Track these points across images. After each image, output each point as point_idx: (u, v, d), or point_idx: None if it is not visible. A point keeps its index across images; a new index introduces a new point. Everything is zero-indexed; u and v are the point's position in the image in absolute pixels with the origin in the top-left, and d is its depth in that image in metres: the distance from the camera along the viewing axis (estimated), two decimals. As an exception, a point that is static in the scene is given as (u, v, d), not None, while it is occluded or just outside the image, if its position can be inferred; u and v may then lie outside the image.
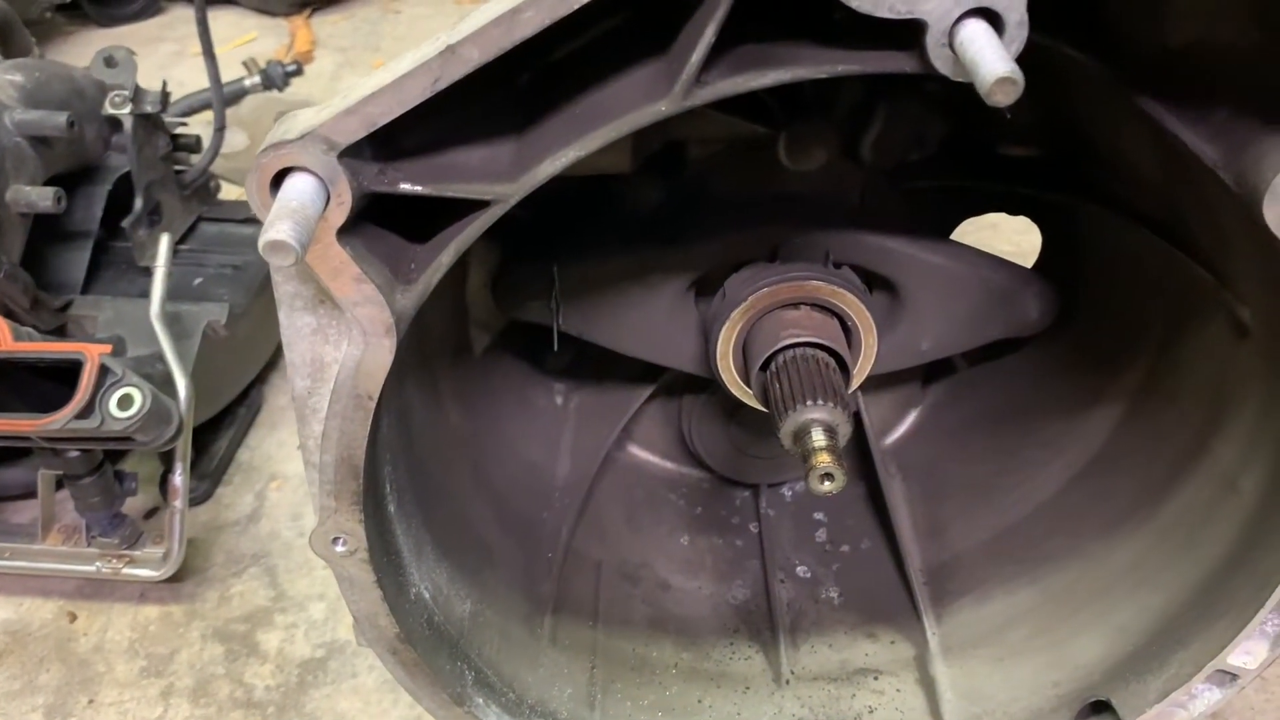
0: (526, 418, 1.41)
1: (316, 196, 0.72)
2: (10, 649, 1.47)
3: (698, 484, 1.51)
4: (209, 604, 1.52)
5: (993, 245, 1.29)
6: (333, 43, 3.35)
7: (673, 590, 1.38)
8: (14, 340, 1.32)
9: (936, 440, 1.46)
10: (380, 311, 0.80)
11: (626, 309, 1.23)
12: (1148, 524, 1.15)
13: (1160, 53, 0.85)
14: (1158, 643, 1.08)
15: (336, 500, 0.90)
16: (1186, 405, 1.13)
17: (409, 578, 1.03)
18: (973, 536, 1.34)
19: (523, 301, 1.23)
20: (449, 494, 1.18)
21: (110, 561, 1.47)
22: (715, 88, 0.74)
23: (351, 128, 0.72)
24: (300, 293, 0.82)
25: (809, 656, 1.31)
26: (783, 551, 1.43)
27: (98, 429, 1.27)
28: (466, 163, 0.80)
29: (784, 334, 1.13)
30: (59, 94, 1.62)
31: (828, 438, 1.02)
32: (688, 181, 1.21)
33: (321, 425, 0.87)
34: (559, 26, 0.70)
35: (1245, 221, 0.79)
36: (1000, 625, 1.24)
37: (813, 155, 1.11)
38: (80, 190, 1.68)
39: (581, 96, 0.81)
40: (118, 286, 1.69)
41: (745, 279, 1.17)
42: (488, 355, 1.35)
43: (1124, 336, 1.24)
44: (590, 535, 1.37)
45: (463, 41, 0.70)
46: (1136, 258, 1.18)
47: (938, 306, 1.24)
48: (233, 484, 1.73)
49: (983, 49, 0.68)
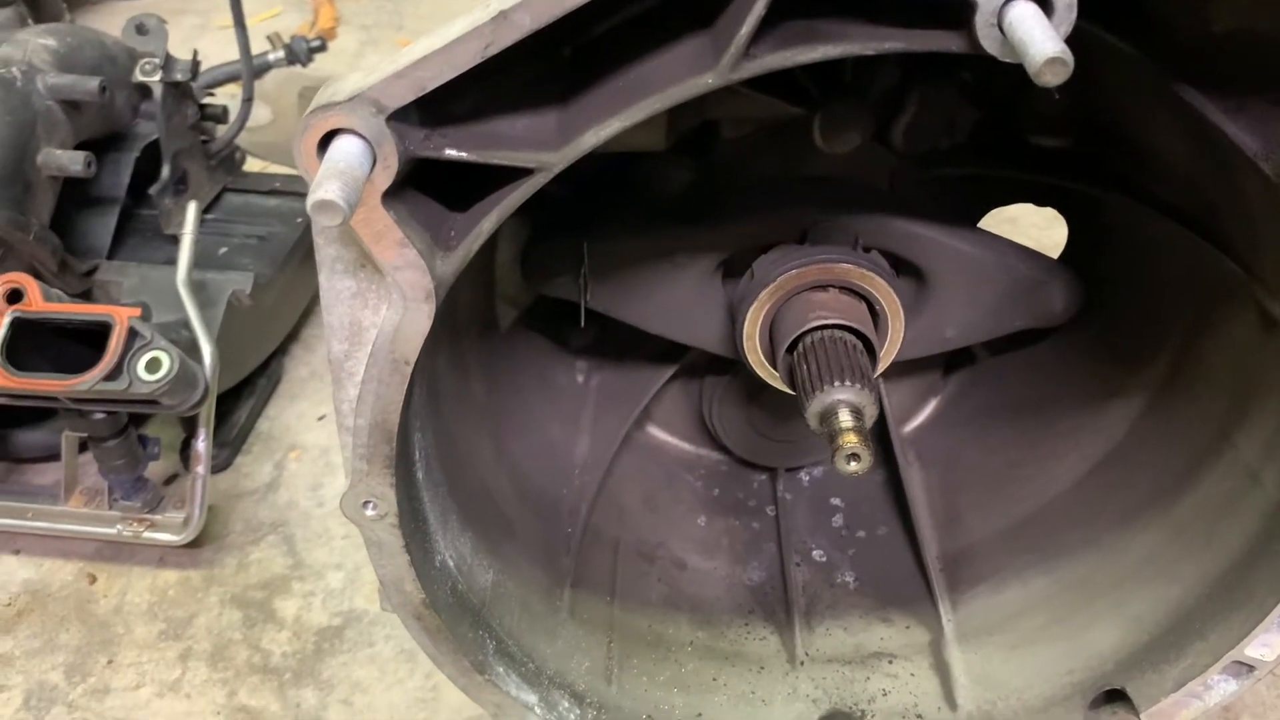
0: (548, 395, 1.41)
1: (363, 159, 0.73)
2: (31, 608, 1.49)
3: (716, 466, 1.52)
4: (227, 570, 1.53)
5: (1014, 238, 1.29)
6: (356, 20, 3.36)
7: (689, 570, 1.39)
8: (44, 301, 1.34)
9: (956, 429, 1.47)
10: (421, 276, 0.81)
11: (654, 287, 1.23)
12: (1166, 516, 1.16)
13: (1201, 42, 0.86)
14: (1174, 633, 1.09)
15: (369, 464, 0.91)
16: (1209, 398, 1.14)
17: (435, 545, 1.04)
18: (989, 525, 1.35)
19: (551, 277, 1.23)
20: (473, 465, 1.19)
21: (131, 525, 1.48)
22: (762, 61, 0.75)
23: (400, 91, 0.72)
24: (342, 256, 0.83)
25: (823, 639, 1.32)
26: (799, 535, 1.44)
27: (125, 391, 1.28)
28: (511, 131, 0.81)
29: (812, 315, 1.13)
30: (91, 59, 1.63)
31: (854, 418, 1.03)
32: (719, 162, 1.22)
33: (357, 389, 0.87)
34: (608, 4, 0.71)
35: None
36: (1015, 613, 1.25)
37: (847, 137, 1.11)
38: (108, 156, 1.69)
39: (626, 69, 0.81)
40: (142, 253, 1.70)
41: (774, 260, 1.17)
42: (513, 331, 1.36)
43: (1148, 329, 1.24)
44: (608, 513, 1.38)
45: (516, 7, 0.70)
46: (1163, 250, 1.18)
47: (964, 294, 1.24)
48: (252, 453, 1.74)
49: (1032, 29, 0.68)
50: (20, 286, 1.33)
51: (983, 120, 1.25)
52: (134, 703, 1.37)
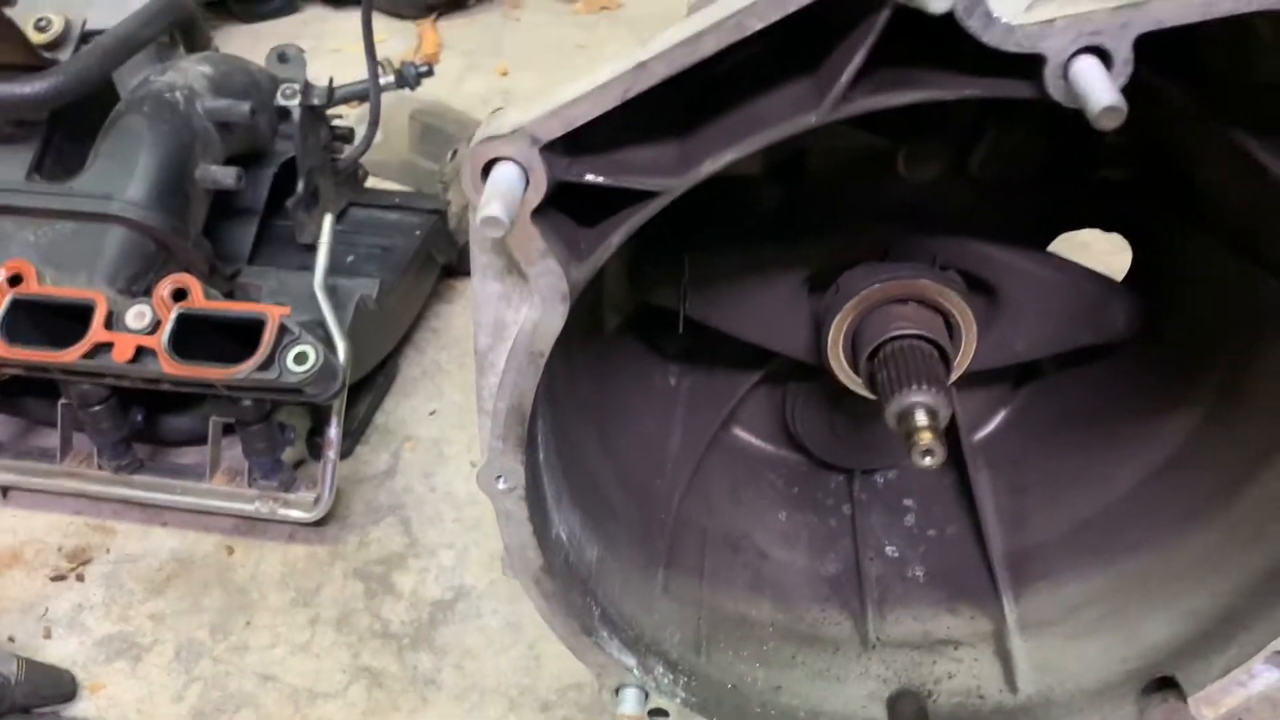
0: (645, 394, 1.54)
1: (520, 182, 0.87)
2: (178, 574, 1.66)
3: (796, 466, 1.63)
4: (350, 547, 1.69)
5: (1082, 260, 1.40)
6: (458, 46, 3.55)
7: (770, 560, 1.51)
8: (205, 299, 1.51)
9: (1023, 438, 1.56)
10: (559, 281, 0.95)
11: (747, 298, 1.36)
12: (1220, 518, 1.24)
13: (1248, 88, 0.96)
14: (1223, 625, 1.18)
15: (504, 443, 1.05)
16: (1261, 412, 1.23)
17: (552, 519, 1.18)
18: (1053, 528, 1.44)
19: (655, 287, 1.37)
20: (581, 453, 1.33)
21: (268, 502, 1.65)
22: (859, 104, 0.88)
23: (553, 127, 0.86)
24: (493, 263, 0.97)
25: (894, 626, 1.43)
26: (873, 533, 1.55)
27: (276, 380, 1.45)
28: (639, 159, 0.94)
29: (893, 326, 1.25)
30: (240, 85, 1.82)
31: (929, 418, 1.14)
32: (808, 186, 1.34)
33: (498, 377, 1.01)
34: (722, 51, 0.85)
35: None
36: (1075, 606, 1.35)
37: (927, 168, 1.23)
38: (251, 172, 1.87)
39: (739, 107, 0.94)
40: (279, 259, 1.88)
41: (859, 275, 1.29)
42: (616, 336, 1.49)
43: (1204, 348, 1.33)
44: (698, 504, 1.50)
45: (653, 59, 0.84)
46: (1219, 275, 1.27)
47: (1033, 311, 1.35)
48: (370, 443, 1.90)
49: (1093, 81, 0.80)
50: (185, 286, 1.51)
51: (1053, 152, 1.35)
52: (270, 660, 1.53)
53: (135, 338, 1.48)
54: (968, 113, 1.25)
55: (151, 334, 1.49)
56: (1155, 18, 0.80)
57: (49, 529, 1.74)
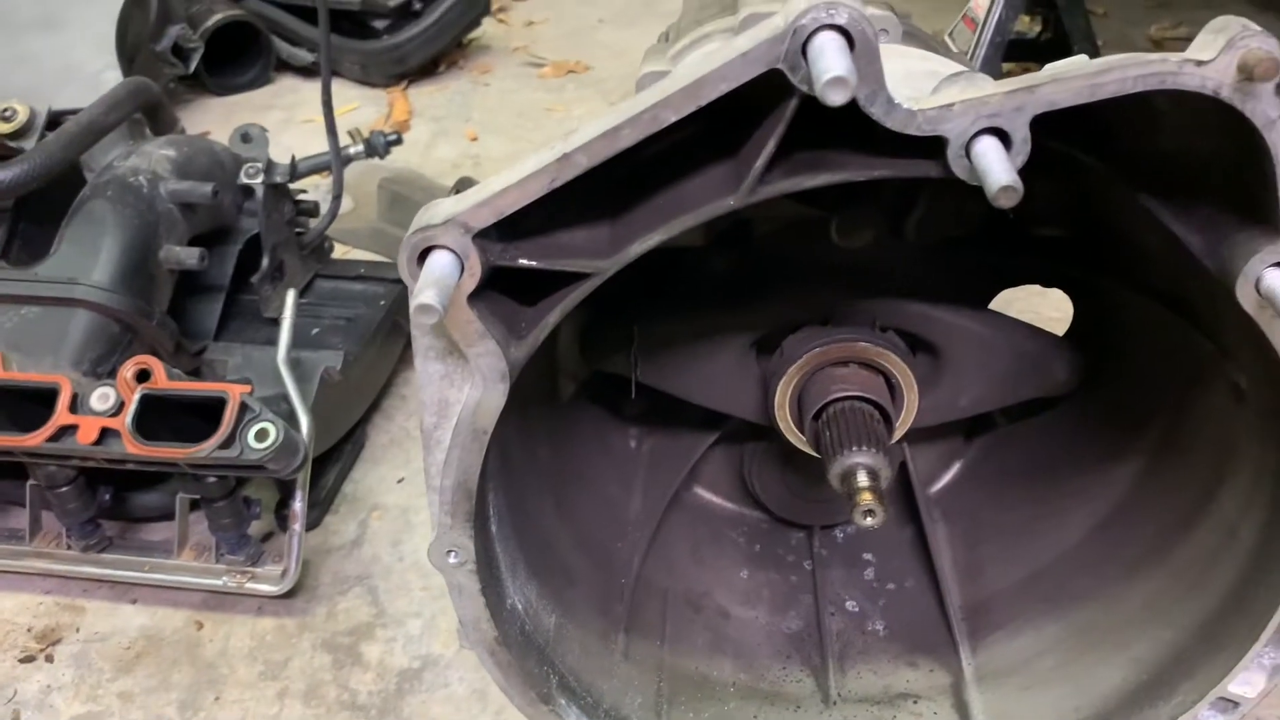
0: (605, 458, 1.57)
1: (454, 269, 0.91)
2: (148, 651, 1.67)
3: (757, 524, 1.66)
4: (318, 618, 1.70)
5: (1040, 309, 1.44)
6: (428, 112, 3.61)
7: (732, 618, 1.53)
8: (168, 379, 1.54)
9: (977, 489, 1.60)
10: (498, 361, 0.98)
11: (697, 363, 1.40)
12: (1162, 567, 1.27)
13: (1154, 157, 1.01)
14: (1168, 673, 1.20)
15: (452, 518, 1.07)
16: (1197, 461, 1.26)
17: (507, 590, 1.20)
18: (1007, 577, 1.47)
19: (606, 356, 1.41)
20: (538, 521, 1.35)
21: (235, 577, 1.66)
22: (774, 186, 0.92)
23: (484, 216, 0.90)
24: (434, 345, 1.00)
25: (855, 681, 1.44)
26: (833, 588, 1.57)
27: (238, 458, 1.47)
28: (571, 242, 0.98)
29: (834, 388, 1.29)
30: (204, 166, 1.86)
31: (870, 479, 1.17)
32: (753, 253, 1.38)
33: (444, 455, 1.04)
34: (650, 136, 0.89)
35: (1231, 301, 0.94)
36: (1029, 657, 1.37)
37: (860, 235, 1.27)
38: (215, 250, 1.91)
39: (665, 190, 0.98)
40: (245, 334, 1.91)
41: (801, 339, 1.33)
42: (574, 403, 1.52)
43: (1144, 399, 1.37)
44: (659, 565, 1.52)
45: (575, 150, 0.88)
46: (1153, 328, 1.31)
47: (975, 368, 1.39)
48: (339, 513, 1.92)
49: (991, 162, 0.84)
50: (148, 367, 1.54)
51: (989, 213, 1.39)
52: (238, 736, 1.54)
53: (99, 420, 1.51)
54: (898, 182, 1.30)
55: (115, 416, 1.51)
56: (1047, 100, 0.85)
57: (18, 610, 1.75)
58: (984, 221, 1.39)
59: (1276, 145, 0.84)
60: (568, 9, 4.59)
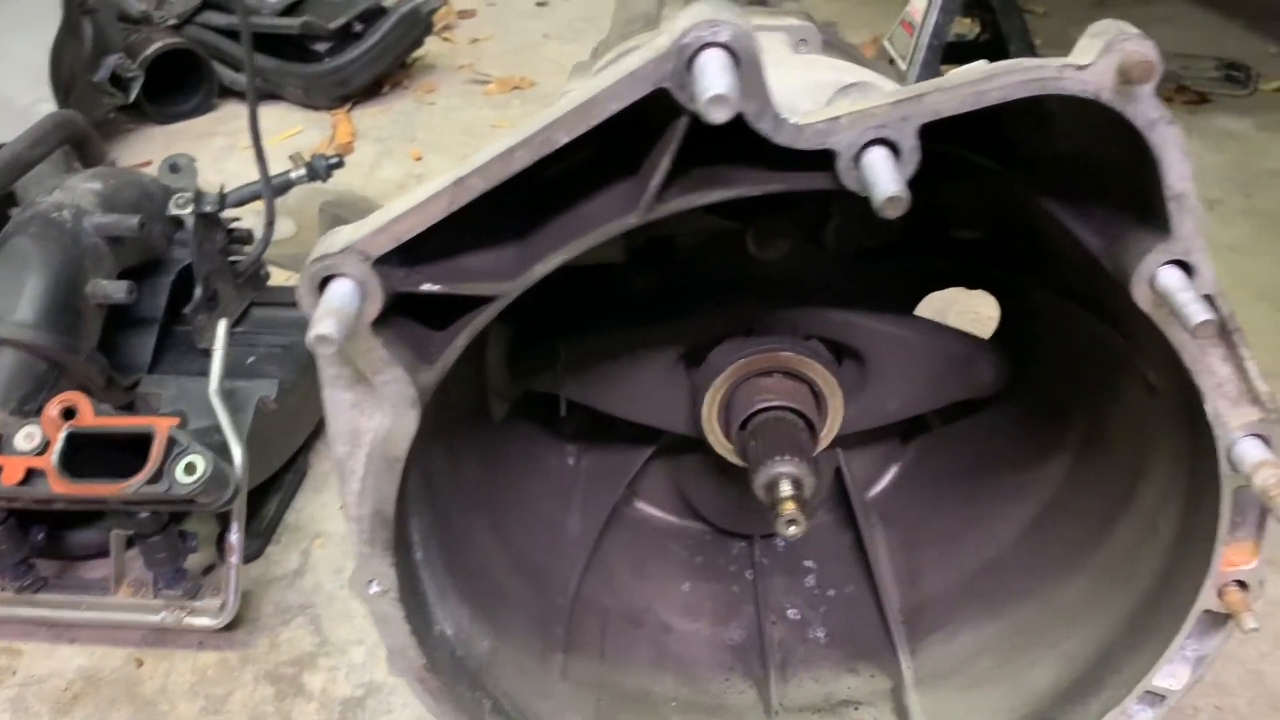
0: (541, 477, 1.56)
1: (354, 296, 0.90)
2: (85, 692, 1.64)
3: (699, 536, 1.66)
4: (260, 649, 1.69)
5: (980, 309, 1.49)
6: (372, 134, 3.60)
7: (674, 632, 1.53)
8: (95, 415, 1.52)
9: (915, 492, 1.61)
10: (406, 388, 0.97)
11: (624, 379, 1.40)
12: (1090, 563, 1.29)
13: (1052, 160, 1.02)
14: (1098, 668, 1.22)
15: (371, 547, 1.06)
16: (1118, 457, 1.28)
17: (434, 616, 1.19)
18: (945, 579, 1.48)
19: (534, 374, 1.40)
20: (469, 545, 1.34)
21: (174, 612, 1.64)
22: (672, 204, 0.92)
23: (382, 242, 0.90)
24: (341, 374, 0.99)
25: (797, 690, 1.45)
26: (775, 596, 1.57)
27: (166, 493, 1.45)
28: (476, 265, 0.98)
29: (758, 399, 1.29)
30: (131, 198, 1.84)
31: (794, 488, 1.18)
32: (676, 267, 1.39)
33: (359, 484, 1.04)
34: (551, 157, 0.89)
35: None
36: (967, 658, 1.38)
37: (776, 246, 1.28)
38: (147, 281, 1.89)
39: (570, 210, 0.98)
40: (180, 366, 1.89)
41: (725, 351, 1.34)
42: (506, 422, 1.51)
43: (1068, 397, 1.39)
44: (599, 583, 1.52)
45: (470, 174, 0.88)
46: (1071, 326, 1.33)
47: (900, 372, 1.40)
48: (281, 542, 1.90)
49: (878, 173, 0.85)
50: (73, 405, 1.52)
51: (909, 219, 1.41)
52: (179, 775, 1.52)
53: (25, 459, 1.49)
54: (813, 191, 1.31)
55: (41, 455, 1.49)
56: (933, 109, 0.85)
57: (-45, 656, 1.72)
58: (905, 227, 1.40)
59: (1158, 146, 0.86)
60: (513, 25, 4.59)
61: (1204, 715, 1.52)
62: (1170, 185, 0.87)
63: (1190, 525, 1.11)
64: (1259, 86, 3.69)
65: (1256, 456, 0.97)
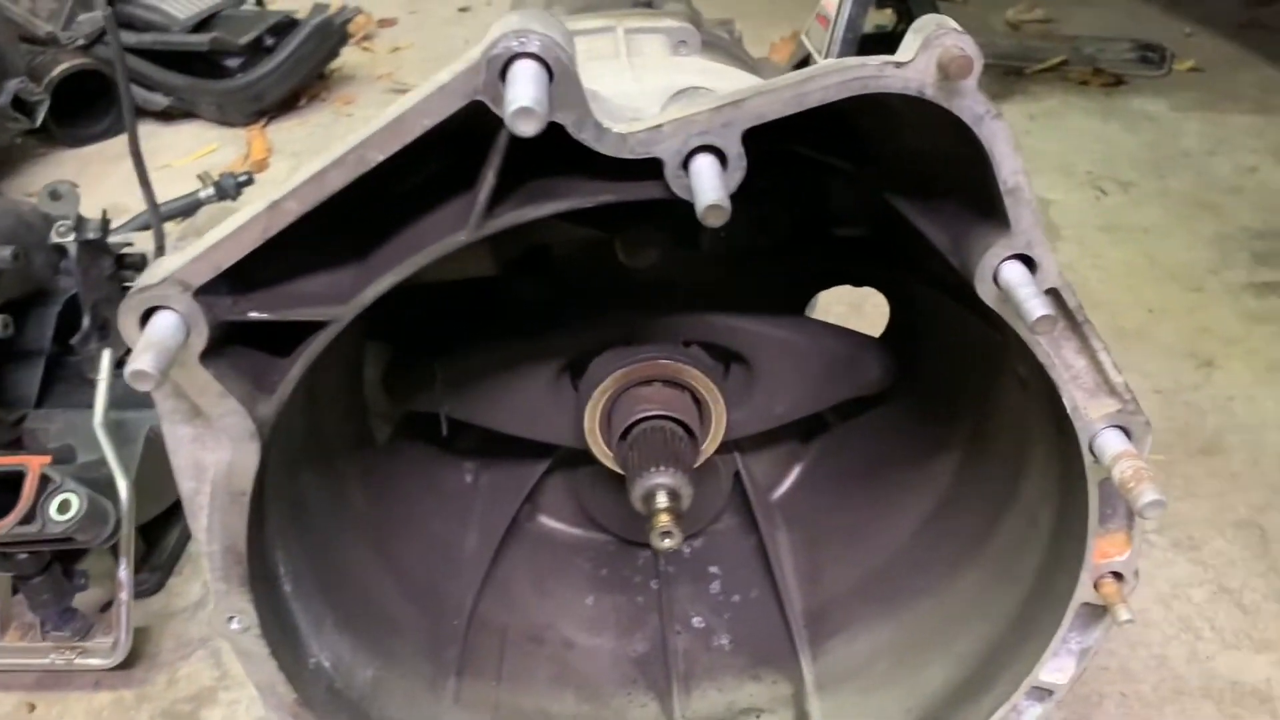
0: (435, 497, 1.52)
1: (178, 329, 0.86)
2: (-26, 741, 1.59)
3: (603, 547, 1.63)
4: (158, 687, 1.64)
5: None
6: (288, 148, 3.54)
7: (576, 648, 1.50)
8: (-35, 456, 1.47)
9: (818, 491, 1.59)
10: (243, 420, 0.94)
11: (507, 393, 1.37)
12: (979, 560, 1.28)
13: (900, 158, 1.01)
14: (987, 666, 1.21)
15: (226, 583, 1.03)
16: (1001, 450, 1.27)
17: (307, 649, 1.15)
18: (845, 580, 1.46)
19: (413, 394, 1.37)
20: (352, 572, 1.30)
21: (64, 653, 1.59)
22: (503, 219, 0.90)
23: (202, 271, 0.86)
24: (178, 407, 0.95)
25: (699, 701, 1.43)
26: (680, 605, 1.55)
27: (40, 532, 1.40)
28: (310, 289, 0.94)
29: (638, 409, 1.27)
30: (7, 228, 1.78)
31: (670, 500, 1.16)
32: (553, 277, 1.36)
33: (206, 520, 1.00)
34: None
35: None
36: (866, 660, 1.36)
37: (645, 254, 1.25)
38: (32, 313, 1.83)
39: (407, 227, 0.95)
40: (70, 399, 1.83)
41: (606, 361, 1.31)
42: (393, 443, 1.48)
43: (956, 392, 1.38)
44: (498, 602, 1.48)
45: (284, 197, 0.85)
46: (955, 322, 1.31)
47: (786, 375, 1.38)
48: (183, 574, 1.85)
49: (702, 181, 0.83)
50: (-57, 445, 1.47)
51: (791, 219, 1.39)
52: (71, 822, 1.47)
53: (-105, 504, 1.43)
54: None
55: (-87, 499, 1.44)
56: (755, 113, 0.83)
57: None
58: (786, 227, 1.39)
59: (988, 140, 0.85)
60: (434, 31, 4.54)
61: (1109, 702, 1.52)
62: (1004, 179, 0.86)
63: (1065, 519, 1.11)
64: (1174, 67, 3.73)
65: (1116, 448, 0.96)
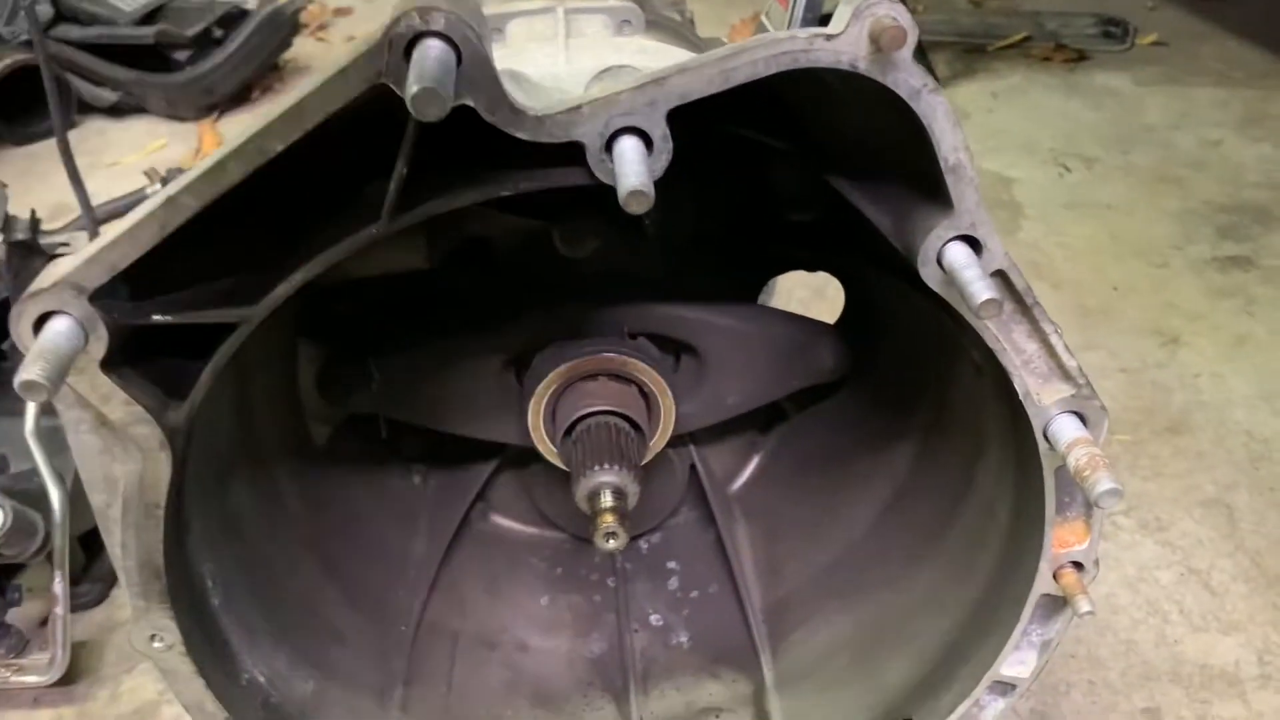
0: (380, 501, 1.46)
1: (74, 336, 0.80)
2: (-94, 765, 1.53)
3: (559, 545, 1.58)
4: (99, 703, 1.58)
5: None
6: (239, 142, 3.44)
7: (531, 651, 1.45)
8: (-116, 470, 1.41)
9: (776, 482, 1.55)
10: (152, 429, 0.88)
11: (448, 391, 1.31)
12: (938, 553, 1.24)
13: (841, 138, 0.97)
14: (947, 661, 1.17)
15: (146, 600, 0.98)
16: (958, 440, 1.23)
17: (239, 665, 1.10)
18: (804, 573, 1.43)
19: (349, 395, 1.31)
20: (290, 582, 1.24)
21: (-1, 670, 1.54)
22: (418, 211, 0.85)
23: (97, 273, 0.81)
24: (83, 417, 0.90)
25: (658, 701, 1.39)
26: (638, 602, 1.51)
27: (-38, 549, 1.35)
28: (217, 289, 0.89)
29: (582, 404, 1.22)
30: (-70, 232, 1.72)
31: (615, 499, 1.11)
32: (493, 270, 1.31)
33: (120, 534, 0.95)
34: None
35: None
36: (826, 656, 1.33)
37: (585, 244, 1.21)
38: (-39, 317, 1.77)
39: (321, 221, 0.90)
40: (3, 406, 1.77)
41: (549, 355, 1.26)
42: (333, 447, 1.42)
43: (912, 379, 1.34)
44: (448, 607, 1.43)
45: (180, 192, 0.80)
46: (909, 307, 1.27)
47: (736, 365, 1.33)
48: (127, 585, 1.79)
49: (625, 165, 0.78)
50: None
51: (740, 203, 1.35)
52: (9, 847, 1.41)
53: None
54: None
55: None
56: (679, 92, 0.79)
57: None
58: (735, 212, 1.34)
59: (926, 115, 0.80)
60: (391, 21, 4.44)
61: (1077, 691, 1.50)
62: (944, 157, 0.82)
63: (1022, 508, 1.07)
64: (1136, 41, 3.71)
65: (1071, 435, 0.92)
